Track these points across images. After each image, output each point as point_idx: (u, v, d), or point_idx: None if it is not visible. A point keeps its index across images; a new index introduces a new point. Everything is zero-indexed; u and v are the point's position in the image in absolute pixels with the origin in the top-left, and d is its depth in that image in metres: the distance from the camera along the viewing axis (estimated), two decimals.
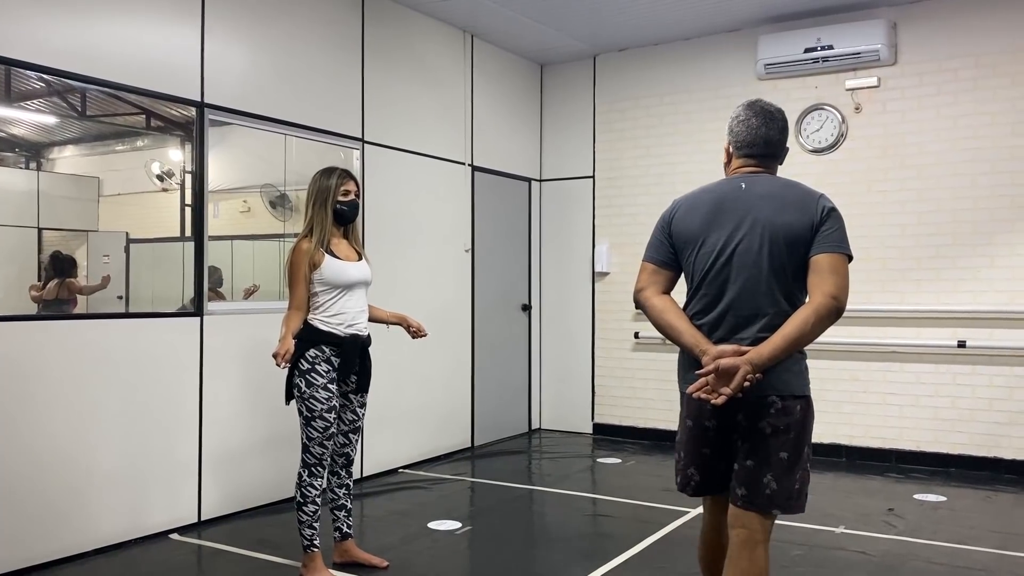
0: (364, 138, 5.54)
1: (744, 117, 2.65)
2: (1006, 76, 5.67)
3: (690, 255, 2.58)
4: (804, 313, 2.39)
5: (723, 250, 2.50)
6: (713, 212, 2.54)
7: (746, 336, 2.44)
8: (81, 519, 3.94)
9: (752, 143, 2.61)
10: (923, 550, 4.08)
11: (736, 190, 2.55)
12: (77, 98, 4.10)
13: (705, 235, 2.54)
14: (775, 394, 2.42)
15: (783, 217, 2.46)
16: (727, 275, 2.48)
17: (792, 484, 2.43)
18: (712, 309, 2.51)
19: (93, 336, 3.99)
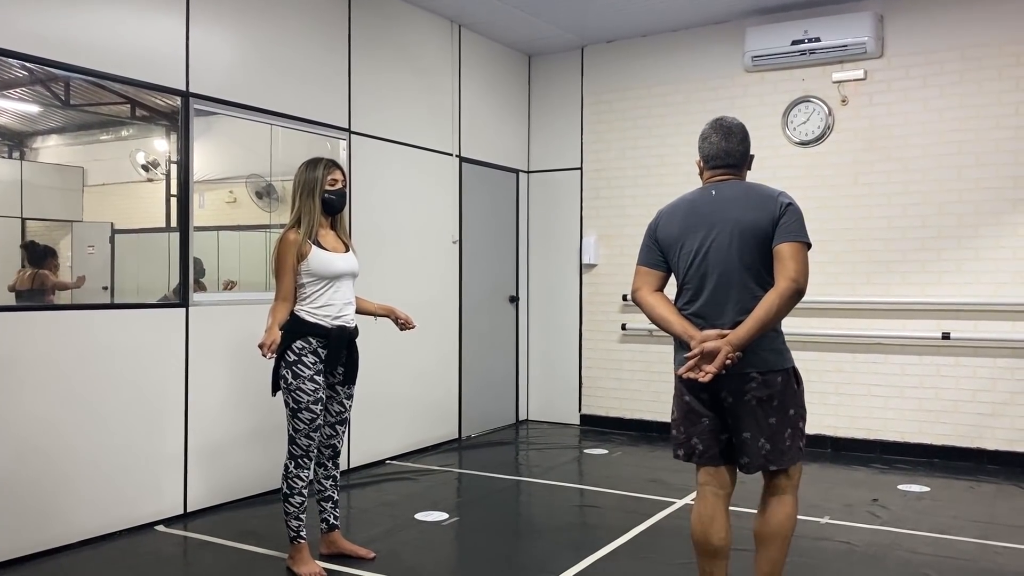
0: (351, 128, 5.52)
1: (706, 135, 3.02)
2: (991, 69, 5.70)
3: (674, 256, 2.97)
4: (771, 297, 2.76)
5: (699, 249, 2.89)
6: (688, 217, 2.96)
7: (725, 321, 2.81)
8: (65, 511, 3.92)
9: (715, 156, 3.00)
10: (907, 540, 4.11)
11: (707, 197, 2.97)
12: (61, 87, 4.06)
13: (684, 238, 2.94)
14: (755, 371, 2.81)
15: (748, 215, 2.85)
16: (705, 270, 2.88)
17: (783, 442, 2.84)
18: (696, 300, 2.90)
19: (78, 327, 3.97)
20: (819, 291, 6.18)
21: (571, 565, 3.73)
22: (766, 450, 2.83)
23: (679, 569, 3.72)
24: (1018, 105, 5.62)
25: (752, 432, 2.84)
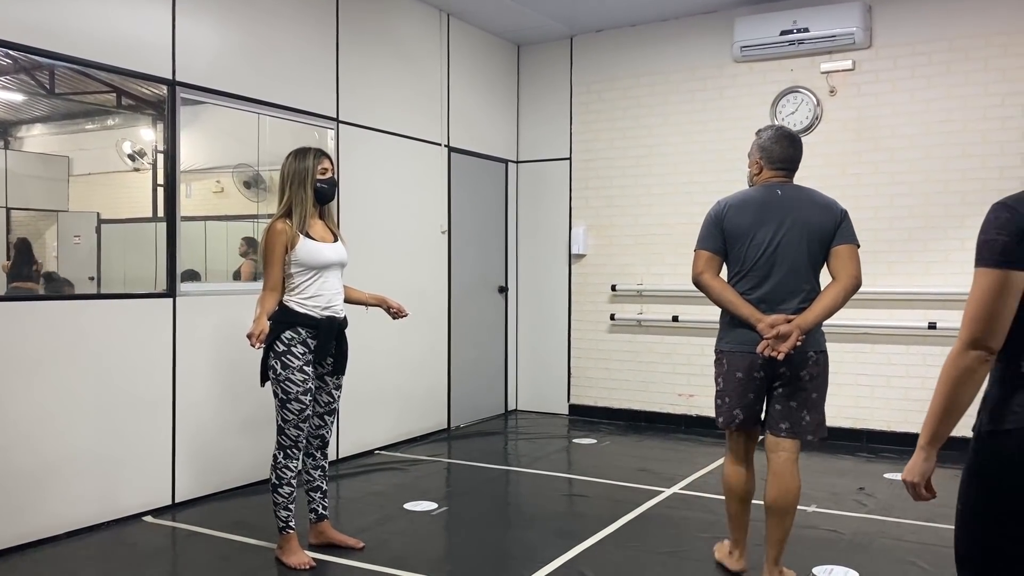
0: (339, 118, 5.49)
1: (777, 139, 3.34)
2: (978, 60, 5.72)
3: (742, 245, 3.27)
4: (836, 290, 3.20)
5: (771, 241, 3.23)
6: (760, 212, 3.26)
7: (789, 307, 3.21)
8: (52, 502, 3.90)
9: (784, 159, 3.34)
10: (893, 528, 4.15)
11: (774, 195, 3.29)
12: (45, 75, 4.02)
13: (756, 229, 3.25)
14: (812, 350, 3.22)
15: (816, 217, 3.24)
16: (774, 261, 3.23)
17: (820, 416, 3.29)
18: (762, 286, 3.24)
19: (64, 318, 3.94)
20: None
21: (559, 554, 3.74)
22: (806, 421, 3.26)
23: (667, 557, 3.74)
24: (1004, 96, 5.65)
25: (798, 403, 3.25)
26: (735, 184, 6.46)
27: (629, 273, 6.97)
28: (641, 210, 6.92)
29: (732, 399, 3.33)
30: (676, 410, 6.79)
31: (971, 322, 1.81)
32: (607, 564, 3.65)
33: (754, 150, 3.38)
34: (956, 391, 1.81)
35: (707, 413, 6.63)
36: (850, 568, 3.58)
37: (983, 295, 1.84)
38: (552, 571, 3.55)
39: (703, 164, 6.64)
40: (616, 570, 3.58)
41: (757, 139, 3.39)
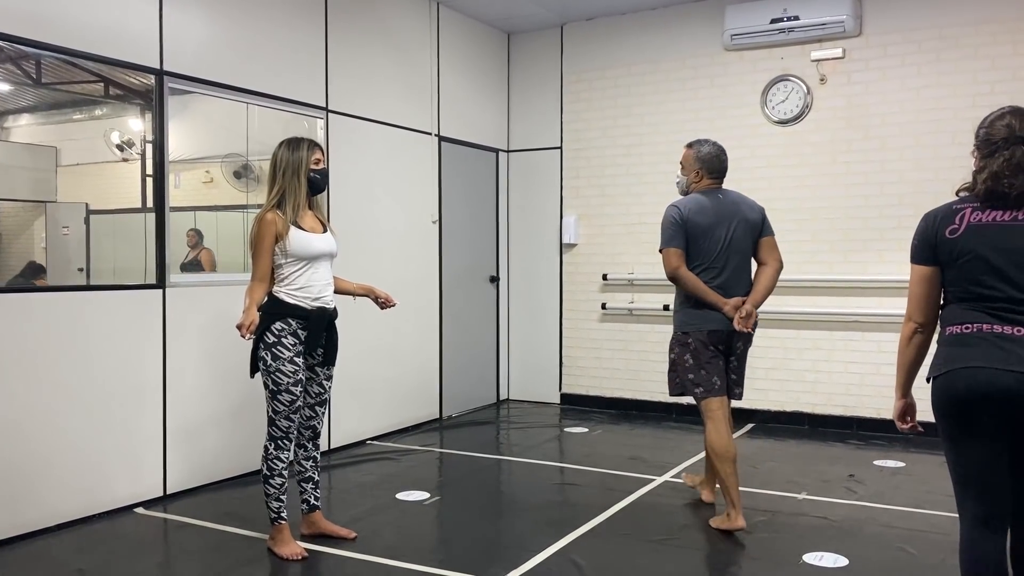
0: (328, 107, 5.47)
1: (716, 153, 4.04)
2: (968, 48, 5.73)
3: (702, 242, 3.89)
4: (771, 272, 3.98)
5: (725, 238, 3.91)
6: (715, 214, 3.93)
7: (740, 291, 3.91)
8: (43, 494, 3.89)
9: (720, 170, 4.06)
10: (882, 514, 4.17)
11: (719, 200, 3.98)
12: (32, 65, 3.99)
13: (713, 229, 3.90)
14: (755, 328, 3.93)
15: (751, 215, 4.00)
16: (728, 254, 3.91)
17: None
18: (719, 276, 3.90)
19: (53, 309, 3.92)
20: (797, 269, 6.22)
21: (552, 543, 3.75)
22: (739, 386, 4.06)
23: (659, 545, 3.76)
24: (994, 84, 5.66)
25: (742, 370, 4.06)
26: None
27: (620, 262, 6.98)
28: (632, 199, 6.91)
29: (708, 371, 3.89)
30: (667, 399, 6.80)
31: (907, 304, 2.65)
32: (599, 553, 3.67)
33: (693, 161, 4.04)
34: (902, 352, 2.69)
35: None
36: (840, 554, 3.60)
37: (911, 284, 2.63)
38: (544, 560, 3.56)
39: None
40: (607, 558, 3.60)
41: (695, 152, 4.04)
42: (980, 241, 2.43)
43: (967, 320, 2.44)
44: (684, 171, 4.10)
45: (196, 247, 4.96)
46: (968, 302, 2.45)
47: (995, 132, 2.55)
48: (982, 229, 2.44)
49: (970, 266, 2.43)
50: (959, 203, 2.55)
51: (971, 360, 2.39)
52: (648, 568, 3.50)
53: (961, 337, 2.45)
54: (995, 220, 2.43)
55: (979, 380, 2.36)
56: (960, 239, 2.46)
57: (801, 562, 3.54)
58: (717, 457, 3.84)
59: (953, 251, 2.47)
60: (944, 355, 2.49)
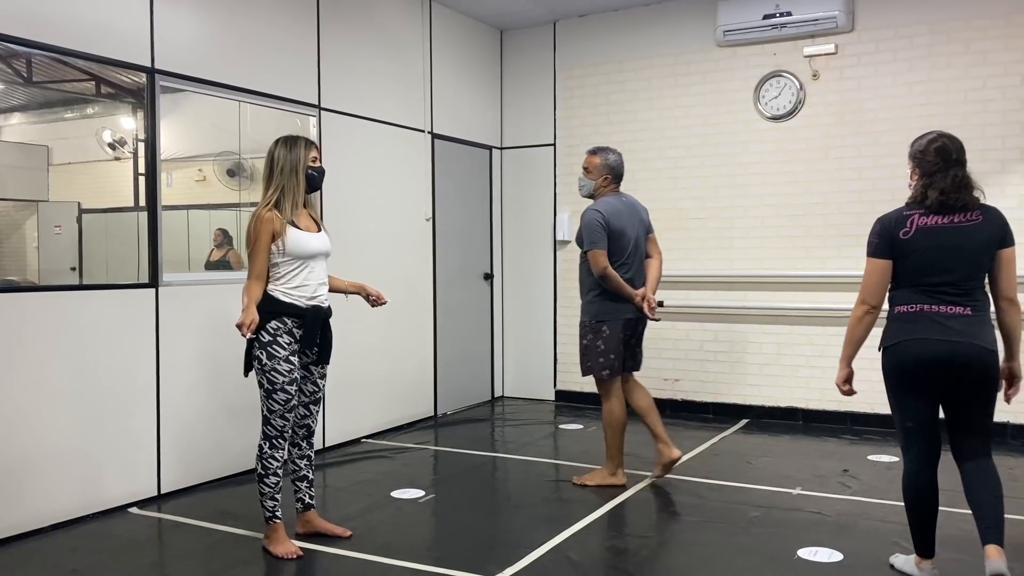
0: (321, 105, 5.45)
1: (620, 160, 4.65)
2: (959, 43, 5.74)
3: (619, 242, 4.48)
4: (658, 264, 4.70)
5: (634, 237, 4.55)
6: (627, 216, 4.54)
7: (640, 282, 4.57)
8: (36, 495, 3.88)
9: (621, 176, 4.68)
10: (876, 509, 4.19)
11: (623, 202, 4.60)
12: (22, 64, 3.97)
13: (625, 230, 4.51)
14: None
15: (645, 216, 4.70)
16: (635, 251, 4.56)
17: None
18: (630, 271, 4.54)
19: (46, 309, 3.91)
20: (790, 265, 6.24)
21: (547, 539, 3.76)
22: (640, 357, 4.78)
23: (652, 541, 3.77)
24: (986, 79, 5.68)
25: (641, 346, 4.75)
26: (719, 169, 6.50)
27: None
28: None
29: (616, 354, 4.52)
30: (661, 395, 6.81)
31: (862, 289, 3.24)
32: (594, 549, 3.67)
33: (601, 167, 4.56)
34: (853, 329, 3.31)
35: (692, 397, 6.68)
36: (834, 550, 3.62)
37: (868, 273, 3.22)
38: (539, 557, 3.57)
39: (687, 149, 6.64)
40: (602, 555, 3.60)
41: (603, 159, 4.56)
42: (927, 240, 3.08)
43: (913, 302, 3.12)
44: (590, 176, 4.59)
45: (222, 246, 4.98)
46: (915, 288, 3.12)
47: (933, 155, 3.15)
48: (928, 231, 3.09)
49: (918, 259, 3.09)
50: (907, 210, 3.17)
51: (917, 333, 3.08)
52: (643, 564, 3.51)
53: (909, 315, 3.12)
54: (937, 224, 3.09)
55: (923, 349, 3.05)
56: (911, 239, 3.10)
57: (796, 557, 3.55)
58: (617, 427, 4.56)
59: (905, 248, 3.11)
60: (895, 330, 3.16)
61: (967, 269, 3.06)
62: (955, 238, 3.06)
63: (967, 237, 3.07)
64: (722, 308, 6.53)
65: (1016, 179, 5.62)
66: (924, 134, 3.28)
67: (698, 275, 6.61)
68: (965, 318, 3.03)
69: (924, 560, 3.30)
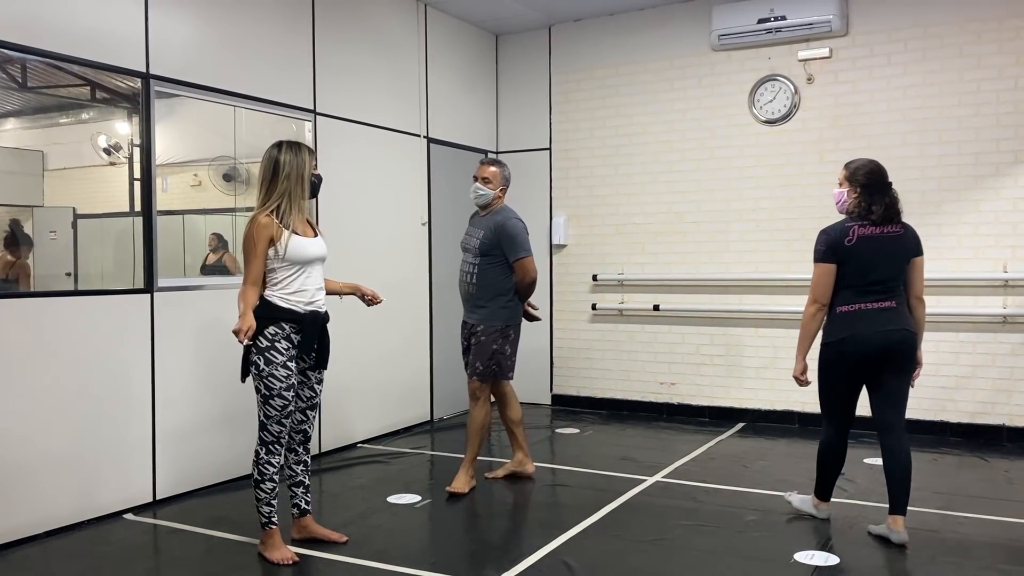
0: (316, 110, 5.45)
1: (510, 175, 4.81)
2: (953, 47, 5.76)
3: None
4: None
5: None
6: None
7: None
8: (31, 501, 3.87)
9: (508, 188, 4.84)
10: (873, 512, 4.19)
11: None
12: (17, 69, 3.96)
13: None
14: None
15: None
16: None
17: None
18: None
19: (41, 314, 3.90)
20: (786, 268, 6.24)
21: (543, 544, 3.75)
22: None
23: (650, 546, 3.76)
24: (979, 82, 5.69)
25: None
26: (714, 172, 6.51)
27: (610, 263, 6.99)
28: (621, 199, 6.93)
29: (515, 357, 4.72)
30: (658, 398, 6.82)
31: (813, 290, 3.76)
32: (590, 554, 3.67)
33: (502, 180, 4.70)
34: (807, 326, 3.81)
35: (688, 401, 6.68)
36: (831, 553, 3.62)
37: (817, 276, 3.74)
38: (536, 562, 3.56)
39: (683, 153, 6.65)
40: (599, 560, 3.60)
41: (503, 172, 4.71)
42: (866, 247, 3.66)
43: (853, 301, 3.69)
44: (490, 186, 4.66)
45: (217, 250, 4.98)
46: (853, 288, 3.69)
47: (876, 176, 3.79)
48: (867, 239, 3.67)
49: (858, 263, 3.66)
50: (848, 222, 3.74)
51: (857, 329, 3.66)
52: (639, 568, 3.50)
53: (850, 313, 3.68)
54: (873, 233, 3.68)
55: (865, 343, 3.65)
56: (854, 246, 3.66)
57: (792, 561, 3.55)
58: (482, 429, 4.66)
59: (848, 254, 3.66)
60: (839, 326, 3.70)
61: (893, 271, 3.69)
62: (887, 246, 3.68)
63: (895, 245, 3.70)
64: (718, 312, 6.53)
65: (1010, 182, 5.63)
66: (856, 160, 3.91)
67: (694, 279, 6.61)
68: (892, 310, 3.68)
69: (823, 503, 4.03)
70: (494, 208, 4.70)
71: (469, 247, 4.70)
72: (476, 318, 4.67)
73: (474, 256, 4.64)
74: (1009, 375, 5.64)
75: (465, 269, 4.70)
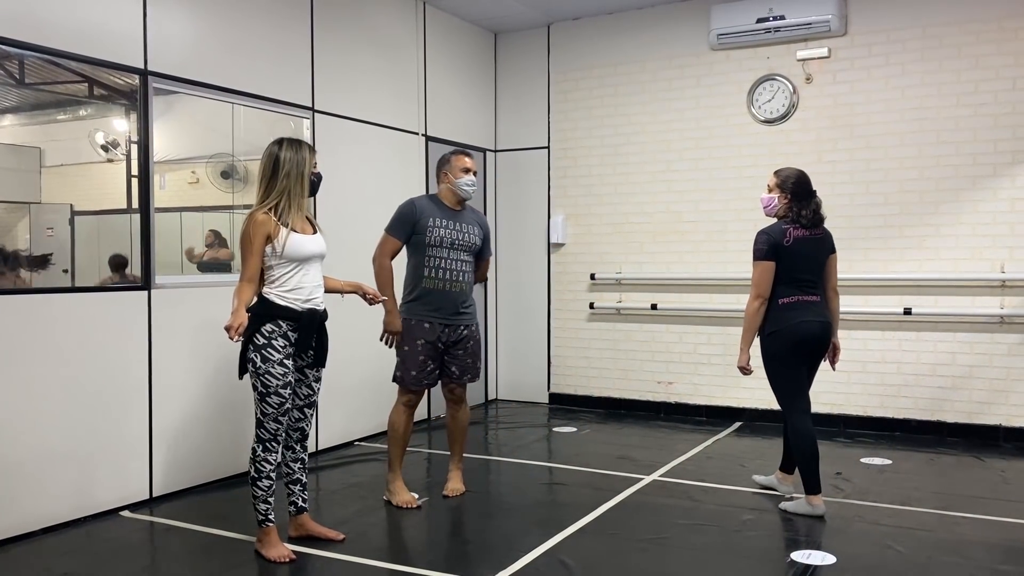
0: (314, 107, 5.45)
1: None
2: (952, 47, 5.77)
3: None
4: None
5: None
6: None
7: None
8: (27, 498, 3.86)
9: None
10: (869, 512, 4.19)
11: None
12: (14, 65, 3.96)
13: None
14: None
15: None
16: None
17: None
18: None
19: (38, 311, 3.89)
20: None
21: (540, 543, 3.75)
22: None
23: (647, 544, 3.76)
24: (978, 83, 5.70)
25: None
26: (712, 172, 6.51)
27: (608, 262, 6.99)
28: (619, 198, 6.93)
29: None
30: (655, 398, 6.82)
31: (755, 286, 4.13)
32: (587, 552, 3.67)
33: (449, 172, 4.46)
34: (751, 319, 4.14)
35: (686, 400, 6.68)
36: (827, 552, 3.62)
37: (760, 273, 4.12)
38: (532, 560, 3.56)
39: (681, 152, 6.65)
40: (596, 558, 3.60)
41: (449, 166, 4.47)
42: (799, 247, 4.10)
43: (791, 294, 4.11)
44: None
45: (213, 247, 4.97)
46: (791, 283, 4.10)
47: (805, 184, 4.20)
48: (800, 240, 4.11)
49: (793, 261, 4.09)
50: (784, 224, 4.15)
51: (800, 317, 4.08)
52: (637, 567, 3.50)
53: (789, 304, 4.10)
54: (804, 235, 4.12)
55: (808, 328, 4.09)
56: (791, 246, 4.09)
57: (789, 560, 3.55)
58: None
59: (786, 253, 4.08)
60: (780, 316, 4.10)
61: (817, 268, 4.17)
62: (814, 245, 4.16)
63: (819, 245, 4.18)
64: (716, 311, 6.53)
65: (1007, 183, 5.64)
66: (785, 168, 4.29)
67: (692, 278, 6.62)
68: (818, 303, 4.16)
69: (815, 497, 4.12)
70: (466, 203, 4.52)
71: (464, 244, 4.36)
72: (467, 319, 4.41)
73: (468, 253, 4.39)
74: (1006, 375, 5.65)
75: (457, 268, 4.34)
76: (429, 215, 4.34)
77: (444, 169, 4.44)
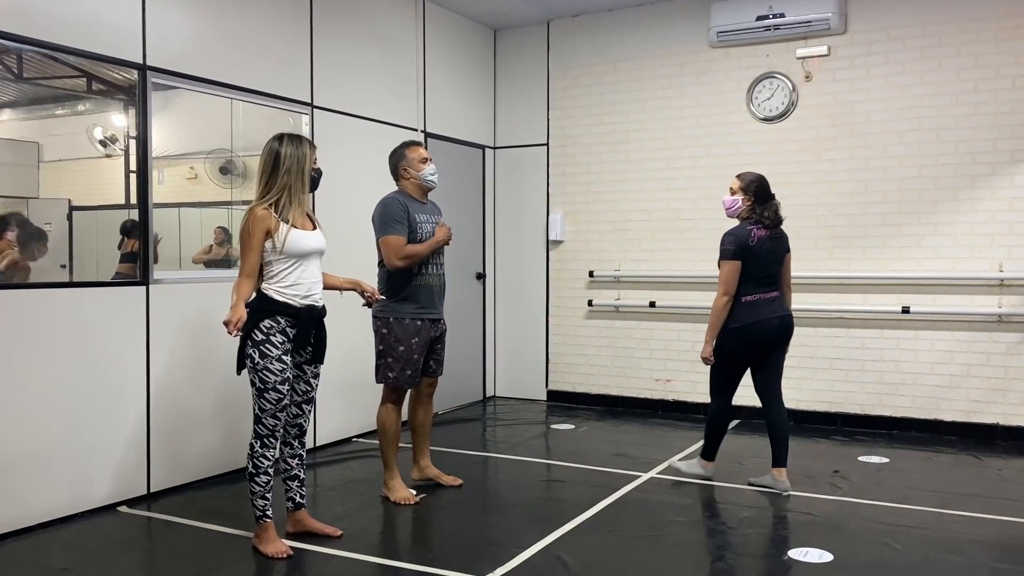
0: (313, 103, 5.44)
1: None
2: (951, 46, 5.76)
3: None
4: None
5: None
6: None
7: None
8: (24, 493, 3.86)
9: None
10: (867, 510, 4.20)
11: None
12: (13, 60, 3.95)
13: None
14: None
15: None
16: None
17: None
18: None
19: (36, 306, 3.89)
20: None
21: (538, 539, 3.75)
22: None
23: (644, 541, 3.77)
24: (977, 82, 5.70)
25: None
26: (711, 170, 6.50)
27: (606, 259, 6.98)
28: (618, 196, 6.92)
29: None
30: (653, 395, 6.83)
31: (723, 284, 4.36)
32: (585, 549, 3.67)
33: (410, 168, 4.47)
34: (718, 314, 4.37)
35: (684, 398, 6.68)
36: (825, 550, 3.62)
37: (727, 272, 4.34)
38: (530, 557, 3.56)
39: (680, 150, 6.65)
40: (594, 555, 3.60)
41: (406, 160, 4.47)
42: (763, 246, 4.37)
43: (754, 292, 4.37)
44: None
45: (223, 244, 4.97)
46: (753, 281, 4.36)
47: (765, 188, 4.46)
48: (763, 239, 4.38)
49: (757, 260, 4.35)
50: (748, 225, 4.40)
51: (759, 316, 4.36)
52: (634, 564, 3.51)
53: (752, 302, 4.36)
54: (766, 235, 4.39)
55: (766, 326, 4.38)
56: (755, 245, 4.35)
57: (786, 557, 3.56)
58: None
59: (751, 252, 4.34)
60: (744, 313, 4.35)
61: (777, 266, 4.45)
62: (774, 245, 4.44)
63: (779, 244, 4.46)
64: None
65: (1006, 182, 5.64)
66: (748, 172, 4.54)
67: (690, 276, 6.61)
68: (779, 299, 4.46)
69: (709, 462, 4.69)
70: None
71: None
72: (441, 313, 4.48)
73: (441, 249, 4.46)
74: (1003, 374, 5.65)
75: (440, 262, 4.48)
76: (413, 212, 4.37)
77: (402, 164, 4.42)
